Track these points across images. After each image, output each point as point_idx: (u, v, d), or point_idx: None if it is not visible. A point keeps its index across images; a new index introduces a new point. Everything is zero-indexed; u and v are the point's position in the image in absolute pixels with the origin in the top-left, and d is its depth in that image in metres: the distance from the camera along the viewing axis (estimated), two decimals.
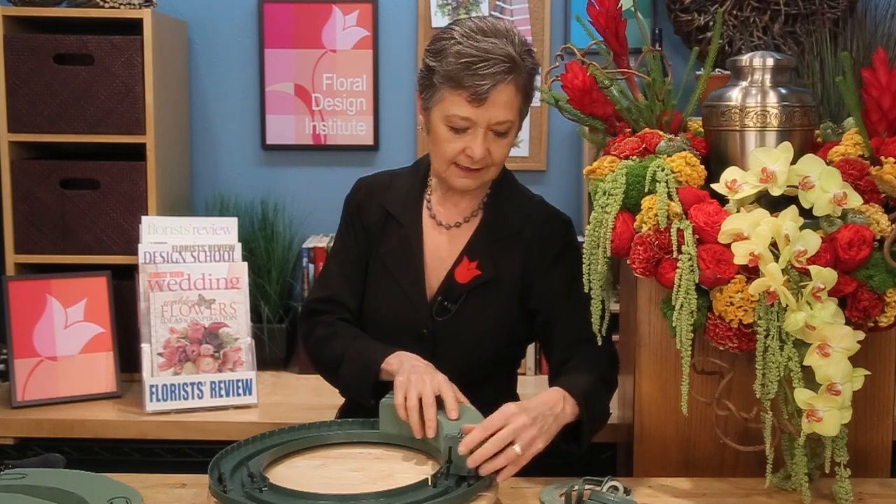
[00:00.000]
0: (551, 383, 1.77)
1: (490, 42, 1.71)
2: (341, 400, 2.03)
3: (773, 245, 1.56)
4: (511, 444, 1.50)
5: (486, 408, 1.61)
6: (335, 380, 1.87)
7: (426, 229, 1.90)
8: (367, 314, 1.92)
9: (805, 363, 1.55)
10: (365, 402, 1.77)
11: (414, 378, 1.63)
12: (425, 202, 1.92)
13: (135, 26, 2.65)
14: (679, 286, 1.60)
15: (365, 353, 1.79)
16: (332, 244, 2.08)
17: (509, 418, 1.53)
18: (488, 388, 1.85)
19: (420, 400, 1.60)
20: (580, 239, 1.82)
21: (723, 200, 1.67)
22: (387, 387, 1.70)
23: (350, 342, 1.85)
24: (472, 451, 1.47)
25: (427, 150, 1.89)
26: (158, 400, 2.45)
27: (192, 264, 2.52)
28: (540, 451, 1.55)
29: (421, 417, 1.60)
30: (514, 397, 1.99)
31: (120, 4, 2.67)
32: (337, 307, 1.92)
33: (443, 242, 1.89)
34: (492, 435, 1.49)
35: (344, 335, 1.87)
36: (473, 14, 3.02)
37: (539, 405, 1.60)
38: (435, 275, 1.88)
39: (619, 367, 1.86)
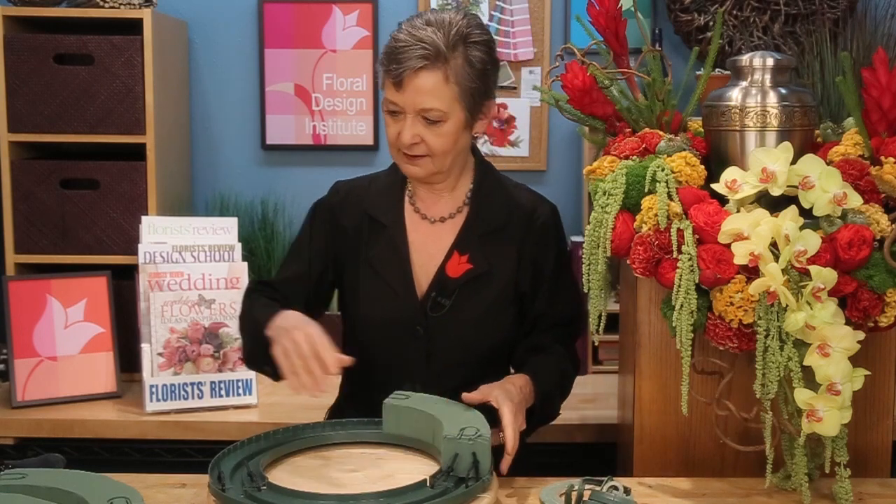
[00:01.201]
0: (521, 362, 1.87)
1: (423, 31, 1.74)
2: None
3: (773, 245, 1.56)
4: None
5: (480, 407, 1.66)
6: (242, 352, 1.91)
7: (410, 226, 1.89)
8: (361, 319, 1.90)
9: (805, 363, 1.55)
10: (264, 373, 1.78)
11: (286, 342, 1.61)
12: (407, 198, 1.91)
13: (135, 26, 2.66)
14: (679, 286, 1.60)
15: (257, 320, 1.77)
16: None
17: (515, 421, 1.64)
18: (480, 383, 1.83)
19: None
20: (580, 239, 1.81)
21: (723, 200, 1.67)
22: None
23: (252, 310, 1.84)
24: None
25: None
26: (158, 400, 2.45)
27: (192, 264, 2.52)
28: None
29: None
30: None
31: (120, 4, 2.67)
32: (274, 292, 1.91)
33: (430, 237, 1.88)
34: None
35: (254, 305, 1.86)
36: (481, 13, 3.02)
37: (522, 400, 1.72)
38: (424, 271, 1.86)
39: (578, 369, 1.96)
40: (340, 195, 1.94)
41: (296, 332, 1.60)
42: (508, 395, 1.67)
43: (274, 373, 1.68)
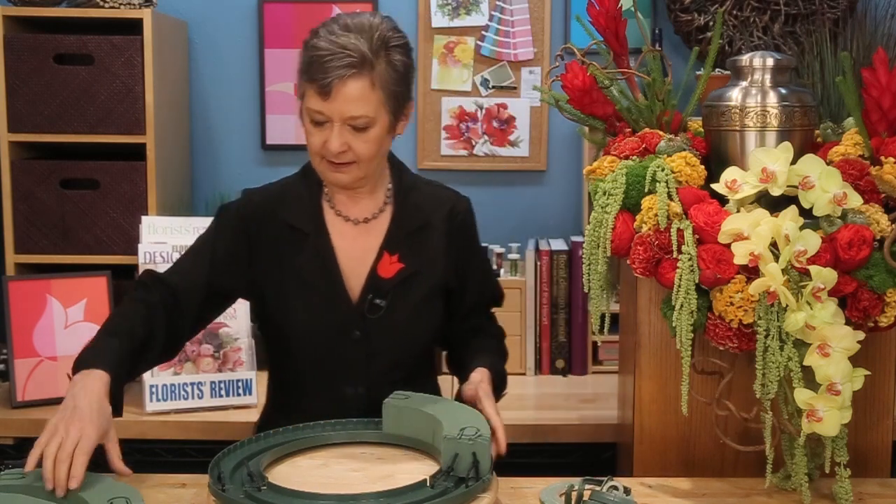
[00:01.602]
0: (459, 348, 1.97)
1: (346, 37, 1.72)
2: None
3: (773, 245, 1.56)
4: None
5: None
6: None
7: (334, 230, 1.86)
8: (293, 329, 1.86)
9: (805, 363, 1.55)
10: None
11: (62, 426, 1.52)
12: (326, 203, 1.88)
13: (135, 26, 2.65)
14: (679, 286, 1.60)
15: (89, 345, 1.69)
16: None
17: (501, 421, 1.70)
18: (416, 381, 1.87)
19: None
20: (580, 239, 1.82)
21: (723, 200, 1.67)
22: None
23: (107, 321, 1.77)
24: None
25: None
26: (158, 400, 2.45)
27: None
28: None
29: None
30: (436, 387, 2.01)
31: (120, 4, 2.67)
32: (162, 287, 1.83)
33: (355, 240, 1.87)
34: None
35: (116, 313, 1.80)
36: (474, 14, 3.03)
37: (491, 392, 1.79)
38: (355, 274, 1.85)
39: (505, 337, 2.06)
40: (253, 204, 1.89)
41: (74, 424, 1.51)
42: (488, 396, 1.75)
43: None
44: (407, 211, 1.88)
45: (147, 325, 1.74)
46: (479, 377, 1.80)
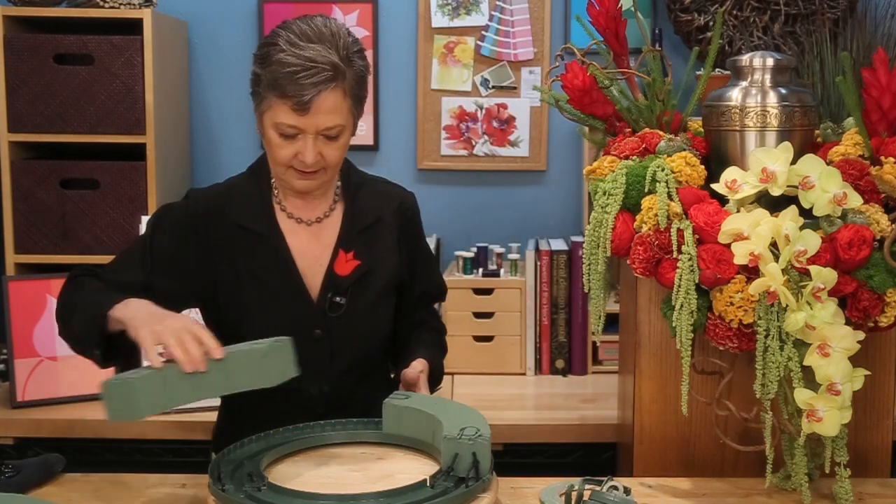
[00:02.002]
0: (401, 340, 1.97)
1: (313, 49, 1.69)
2: None
3: (773, 245, 1.56)
4: None
5: (372, 395, 1.77)
6: (67, 332, 1.75)
7: (286, 231, 1.85)
8: (250, 332, 1.77)
9: (805, 363, 1.55)
10: (91, 356, 1.69)
11: (159, 327, 1.54)
12: (277, 205, 1.86)
13: (135, 26, 2.66)
14: (679, 286, 1.60)
15: (95, 301, 1.68)
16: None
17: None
18: (375, 376, 1.91)
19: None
20: (580, 239, 1.82)
21: (723, 200, 1.67)
22: (114, 340, 1.65)
23: (86, 293, 1.74)
24: None
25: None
26: None
27: None
28: None
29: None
30: (391, 383, 2.00)
31: (120, 4, 2.67)
32: (98, 283, 1.80)
33: (309, 240, 1.86)
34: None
35: (87, 288, 1.76)
36: (474, 14, 3.03)
37: (427, 383, 1.83)
38: (311, 274, 1.84)
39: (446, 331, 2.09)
40: (200, 204, 1.85)
41: (168, 318, 1.57)
42: (426, 387, 1.82)
43: (102, 357, 1.65)
44: (358, 208, 1.89)
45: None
46: (421, 367, 1.83)
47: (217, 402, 2.21)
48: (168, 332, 1.52)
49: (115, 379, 1.47)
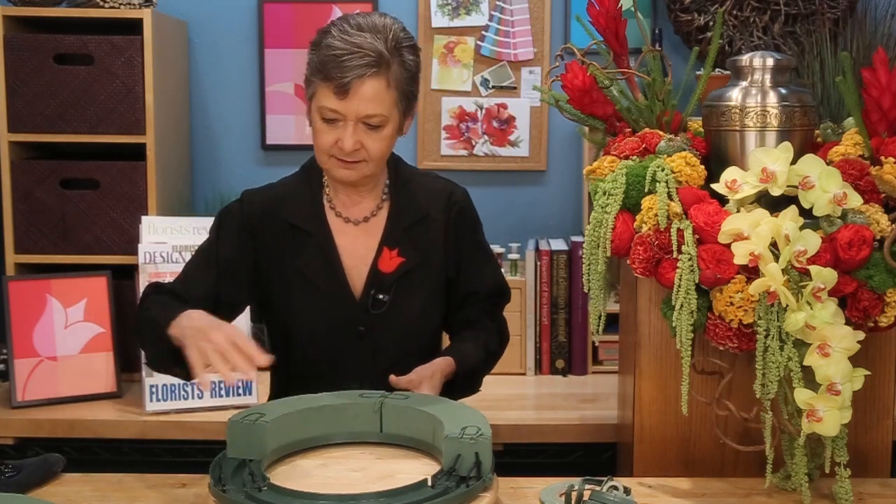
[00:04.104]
0: (452, 336, 1.95)
1: (361, 36, 1.73)
2: None
3: (773, 245, 1.56)
4: None
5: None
6: (146, 358, 1.81)
7: (335, 230, 1.87)
8: (298, 328, 1.87)
9: (805, 363, 1.55)
10: (175, 375, 1.72)
11: (203, 344, 1.55)
12: (327, 204, 1.89)
13: (135, 26, 2.65)
14: (679, 286, 1.60)
15: (157, 321, 1.70)
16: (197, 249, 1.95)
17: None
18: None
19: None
20: (580, 239, 1.82)
21: (723, 200, 1.67)
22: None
23: (151, 313, 1.75)
24: None
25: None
26: (158, 400, 2.45)
27: None
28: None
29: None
30: None
31: (120, 4, 2.67)
32: (168, 293, 1.83)
33: (356, 239, 1.88)
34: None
35: (152, 307, 1.77)
36: (474, 14, 3.03)
37: (439, 385, 1.79)
38: (357, 272, 1.86)
39: (507, 342, 2.02)
40: (255, 205, 1.89)
41: (212, 331, 1.56)
42: (432, 389, 1.76)
43: (185, 374, 1.65)
44: (404, 205, 1.89)
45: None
46: (431, 370, 1.79)
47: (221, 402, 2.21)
48: (211, 349, 1.53)
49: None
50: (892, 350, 1.78)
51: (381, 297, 1.85)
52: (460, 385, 1.85)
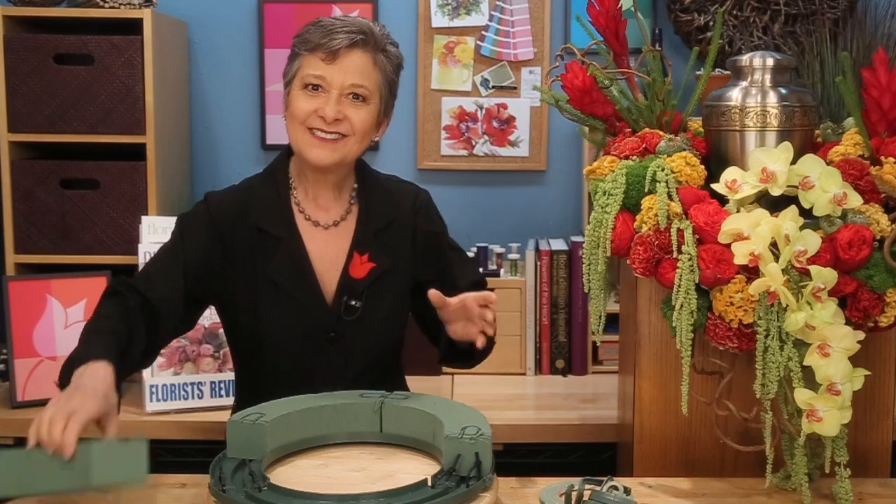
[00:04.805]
0: (435, 331, 1.88)
1: (348, 19, 1.81)
2: None
3: (773, 245, 1.56)
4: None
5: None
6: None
7: (304, 235, 1.85)
8: (267, 334, 1.83)
9: (805, 363, 1.55)
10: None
11: (62, 399, 1.48)
12: (295, 207, 1.86)
13: (135, 26, 2.65)
14: (679, 286, 1.60)
15: (78, 351, 1.64)
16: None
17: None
18: (388, 381, 1.89)
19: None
20: (580, 239, 1.81)
21: (723, 200, 1.67)
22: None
23: (89, 331, 1.69)
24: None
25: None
26: (158, 400, 2.45)
27: None
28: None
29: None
30: (404, 383, 2.02)
31: (120, 4, 2.67)
32: (136, 295, 1.76)
33: (326, 244, 1.86)
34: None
35: (98, 320, 1.71)
36: (474, 14, 3.03)
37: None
38: (328, 278, 1.84)
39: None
40: (222, 208, 1.85)
41: (70, 400, 1.46)
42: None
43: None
44: (372, 210, 1.89)
45: (127, 327, 1.68)
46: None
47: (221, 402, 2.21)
48: (46, 416, 1.44)
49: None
50: (892, 350, 1.78)
51: (353, 303, 1.84)
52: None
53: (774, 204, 1.64)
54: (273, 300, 1.83)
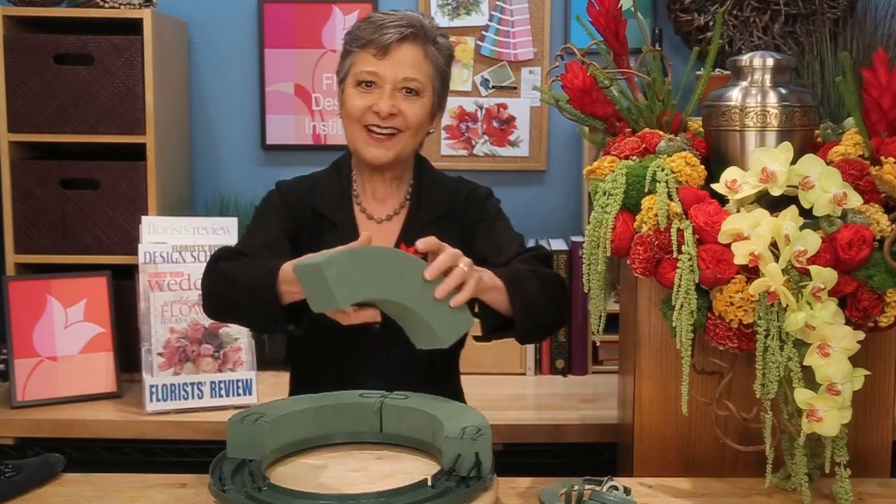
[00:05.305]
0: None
1: (397, 13, 1.82)
2: None
3: (773, 245, 1.56)
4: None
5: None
6: (226, 302, 1.74)
7: (360, 225, 1.90)
8: (314, 321, 1.81)
9: (805, 363, 1.55)
10: (271, 326, 1.72)
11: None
12: (354, 199, 1.92)
13: (135, 26, 2.66)
14: (679, 286, 1.60)
15: (263, 264, 1.69)
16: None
17: (456, 256, 1.60)
18: (437, 378, 1.89)
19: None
20: (580, 239, 1.80)
21: (723, 200, 1.67)
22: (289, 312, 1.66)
23: (245, 267, 1.72)
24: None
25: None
26: (158, 400, 2.45)
27: (192, 264, 2.52)
28: (479, 286, 1.62)
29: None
30: (458, 388, 2.01)
31: (120, 4, 2.67)
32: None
33: (378, 236, 1.87)
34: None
35: (245, 261, 1.76)
36: (474, 14, 3.03)
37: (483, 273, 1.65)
38: None
39: (562, 284, 1.85)
40: (291, 191, 1.92)
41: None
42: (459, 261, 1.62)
43: (296, 325, 1.68)
44: (424, 204, 1.91)
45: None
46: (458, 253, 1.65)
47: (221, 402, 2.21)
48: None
49: (306, 264, 1.50)
50: (892, 350, 1.78)
51: None
52: (511, 288, 1.69)
53: (774, 204, 1.64)
54: None
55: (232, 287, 1.72)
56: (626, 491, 1.52)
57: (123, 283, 2.63)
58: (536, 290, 1.73)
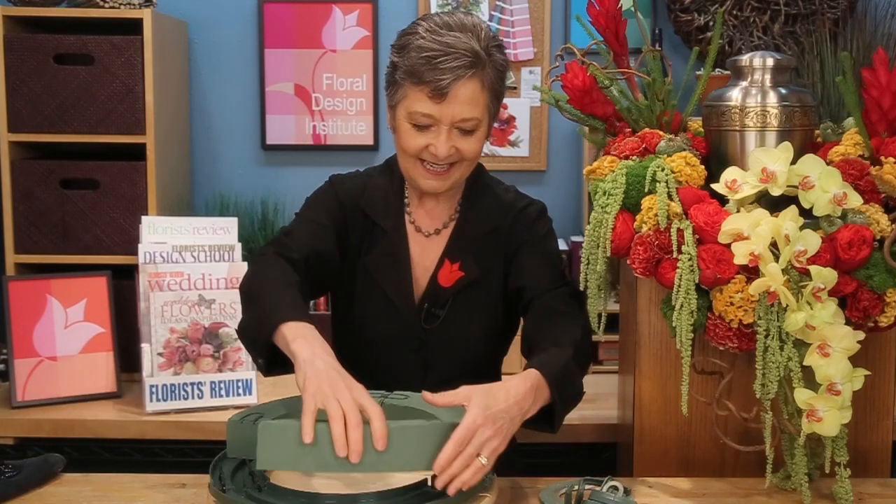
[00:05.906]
0: (526, 353, 1.74)
1: (453, 36, 1.66)
2: None
3: (773, 245, 1.56)
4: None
5: None
6: (240, 326, 1.68)
7: (409, 236, 1.84)
8: (355, 327, 1.84)
9: (805, 363, 1.55)
10: (255, 361, 1.66)
11: (328, 392, 1.41)
12: (405, 208, 1.86)
13: (135, 26, 2.66)
14: (679, 286, 1.60)
15: (272, 303, 1.60)
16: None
17: (476, 432, 1.43)
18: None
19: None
20: (580, 239, 1.80)
21: (723, 200, 1.67)
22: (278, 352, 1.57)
23: (270, 285, 1.66)
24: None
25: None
26: (158, 400, 2.45)
27: (192, 264, 2.52)
28: (500, 453, 1.48)
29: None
30: None
31: (120, 4, 2.67)
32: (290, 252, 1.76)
33: (424, 250, 1.84)
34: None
35: (274, 276, 1.69)
36: (476, 13, 3.03)
37: (507, 408, 1.49)
38: (419, 283, 1.83)
39: (591, 338, 1.77)
40: (345, 187, 1.85)
41: (339, 384, 1.42)
42: (486, 413, 1.45)
43: (265, 367, 1.61)
44: (472, 218, 1.84)
45: (296, 282, 1.68)
46: (492, 387, 1.52)
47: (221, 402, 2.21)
48: (334, 404, 1.39)
49: (270, 425, 1.40)
50: (892, 350, 1.78)
51: (435, 311, 1.80)
52: (557, 397, 1.60)
53: (774, 204, 1.64)
54: (367, 290, 1.82)
55: (245, 298, 1.69)
56: (627, 491, 1.52)
57: (123, 283, 2.63)
58: (578, 379, 1.68)
